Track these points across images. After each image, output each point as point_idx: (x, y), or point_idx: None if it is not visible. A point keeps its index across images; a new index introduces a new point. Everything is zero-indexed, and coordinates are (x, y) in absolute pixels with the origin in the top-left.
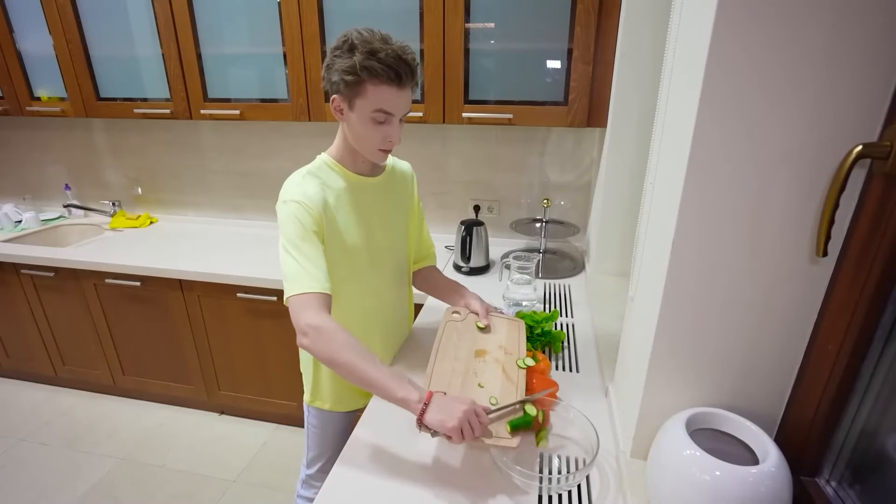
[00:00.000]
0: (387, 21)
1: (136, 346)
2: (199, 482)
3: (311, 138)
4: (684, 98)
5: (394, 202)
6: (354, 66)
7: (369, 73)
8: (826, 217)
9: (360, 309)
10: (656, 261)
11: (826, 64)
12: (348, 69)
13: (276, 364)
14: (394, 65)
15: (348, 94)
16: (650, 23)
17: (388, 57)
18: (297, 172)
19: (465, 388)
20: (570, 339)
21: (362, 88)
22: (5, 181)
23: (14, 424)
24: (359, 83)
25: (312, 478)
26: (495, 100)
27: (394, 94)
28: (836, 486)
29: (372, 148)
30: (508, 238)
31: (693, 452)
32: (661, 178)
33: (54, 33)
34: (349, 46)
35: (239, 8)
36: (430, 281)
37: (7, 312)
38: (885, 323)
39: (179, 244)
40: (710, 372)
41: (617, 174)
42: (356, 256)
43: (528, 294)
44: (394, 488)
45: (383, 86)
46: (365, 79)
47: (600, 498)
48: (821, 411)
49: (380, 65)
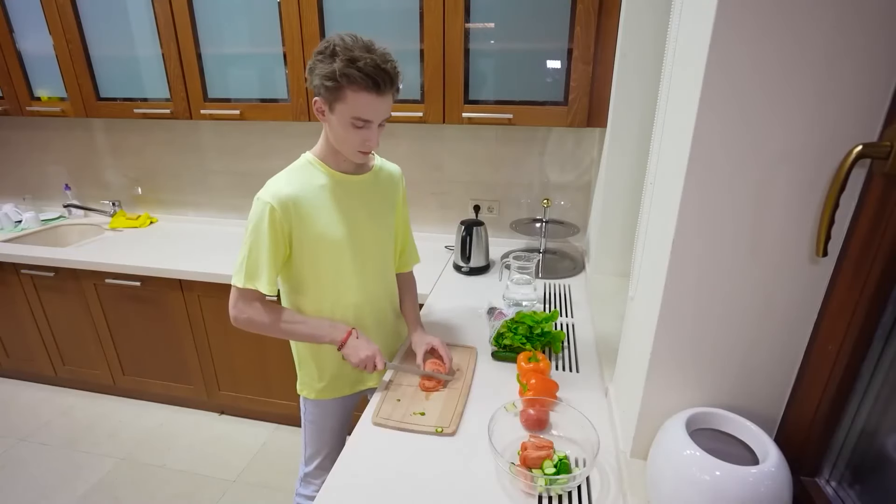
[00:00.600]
0: (387, 21)
1: (136, 346)
2: (199, 482)
3: (310, 138)
4: (684, 98)
5: (380, 199)
6: (334, 72)
7: (348, 79)
8: (826, 217)
9: (347, 302)
10: (656, 261)
11: (826, 64)
12: (328, 75)
13: (276, 364)
14: (372, 73)
15: (329, 97)
16: (650, 23)
17: (367, 66)
18: (282, 171)
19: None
20: (570, 339)
21: (342, 94)
22: (5, 181)
23: (14, 424)
24: (338, 89)
25: (310, 475)
26: (495, 100)
27: (372, 100)
28: (836, 486)
29: (351, 149)
30: (508, 238)
31: (693, 452)
32: (661, 178)
33: (54, 33)
34: (331, 52)
35: (239, 8)
36: (401, 290)
37: (7, 312)
38: (885, 323)
39: (179, 244)
40: (710, 372)
41: (617, 174)
42: (339, 250)
43: (528, 294)
44: (394, 488)
45: (362, 93)
46: (344, 85)
47: (600, 498)
48: (821, 411)
49: (359, 73)
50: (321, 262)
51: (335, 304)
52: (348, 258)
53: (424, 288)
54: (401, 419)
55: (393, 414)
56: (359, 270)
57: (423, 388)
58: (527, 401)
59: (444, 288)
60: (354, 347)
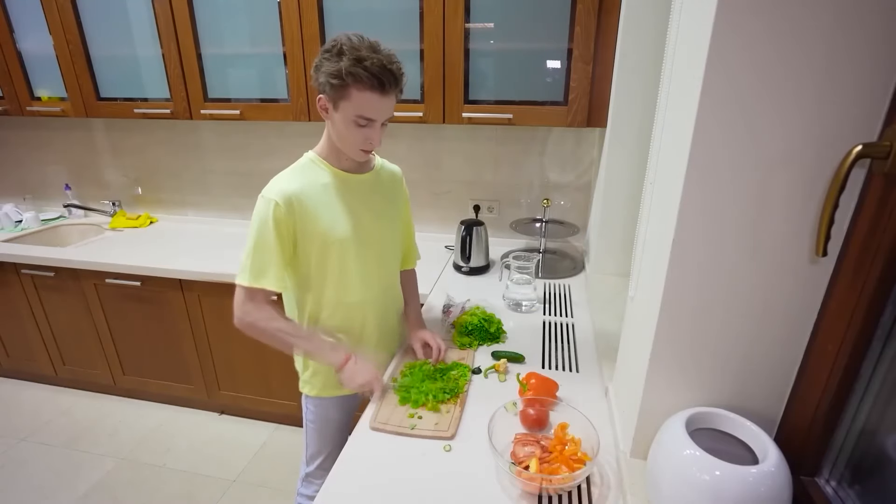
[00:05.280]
0: (387, 21)
1: (136, 345)
2: (199, 482)
3: (310, 138)
4: (684, 98)
5: (382, 198)
6: (341, 70)
7: (354, 78)
8: (826, 217)
9: (349, 301)
10: (656, 260)
11: (826, 63)
12: (335, 73)
13: (276, 364)
14: (378, 73)
15: (333, 95)
16: (650, 23)
17: (373, 65)
18: (285, 170)
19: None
20: (570, 339)
21: (347, 92)
22: (5, 181)
23: (14, 424)
24: (344, 87)
25: (312, 475)
26: (495, 100)
27: (376, 100)
28: (835, 486)
29: (353, 147)
30: (508, 238)
31: (693, 452)
32: (661, 178)
33: (54, 33)
34: (338, 51)
35: (239, 8)
36: (404, 289)
37: (7, 312)
38: (885, 323)
39: (179, 244)
40: (710, 371)
41: (617, 174)
42: (343, 247)
43: (527, 294)
44: (395, 487)
45: (367, 92)
46: (350, 84)
47: (600, 498)
48: (820, 411)
49: (365, 72)
50: (324, 260)
51: (338, 302)
52: (351, 256)
53: (424, 288)
54: (398, 423)
55: (391, 418)
56: (362, 269)
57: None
58: (527, 400)
59: (444, 288)
60: (352, 372)
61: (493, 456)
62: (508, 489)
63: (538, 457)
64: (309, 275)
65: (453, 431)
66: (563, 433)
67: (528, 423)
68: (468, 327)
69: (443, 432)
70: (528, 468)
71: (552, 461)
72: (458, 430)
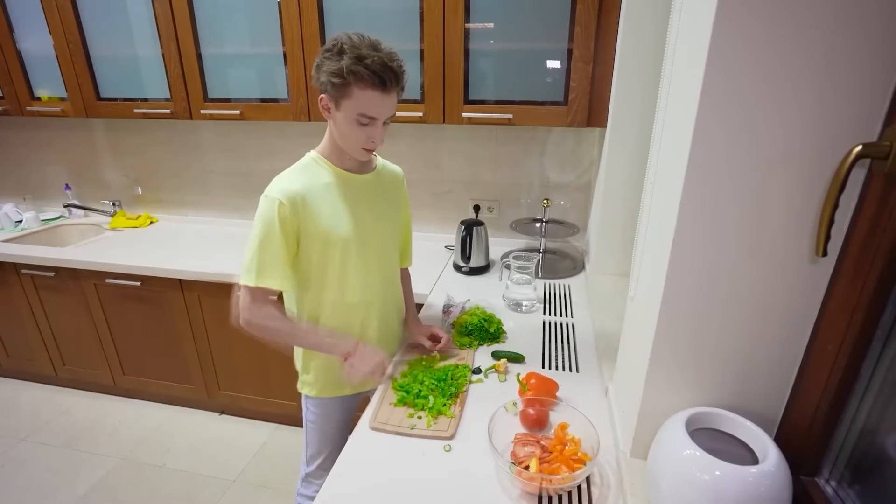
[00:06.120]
0: (387, 21)
1: (136, 345)
2: (199, 482)
3: (311, 138)
4: (684, 98)
5: (384, 198)
6: (342, 69)
7: (355, 77)
8: (826, 217)
9: (351, 301)
10: (656, 260)
11: (826, 64)
12: (336, 72)
13: (276, 364)
14: (379, 71)
15: (335, 94)
16: (650, 23)
17: (374, 63)
18: (287, 169)
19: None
20: (570, 339)
21: (348, 91)
22: (5, 181)
23: (14, 424)
24: (345, 86)
25: (312, 475)
26: (495, 100)
27: (378, 98)
28: (835, 486)
29: (356, 146)
30: (508, 238)
31: (693, 452)
32: (661, 178)
33: (54, 33)
34: (339, 50)
35: (239, 8)
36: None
37: (7, 312)
38: (885, 323)
39: (179, 244)
40: (709, 371)
41: (617, 174)
42: (345, 247)
43: (527, 294)
44: (395, 487)
45: (368, 90)
46: (351, 82)
47: (600, 498)
48: (820, 411)
49: (366, 70)
50: (325, 260)
51: (338, 303)
52: (353, 255)
53: (424, 288)
54: (398, 423)
55: (391, 418)
56: (363, 268)
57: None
58: (527, 401)
59: (444, 288)
60: (361, 357)
61: (493, 456)
62: (508, 489)
63: (538, 457)
64: (309, 275)
65: (453, 431)
66: (563, 433)
67: (528, 423)
68: (468, 327)
69: (443, 432)
70: (528, 468)
71: (552, 461)
72: (458, 430)
